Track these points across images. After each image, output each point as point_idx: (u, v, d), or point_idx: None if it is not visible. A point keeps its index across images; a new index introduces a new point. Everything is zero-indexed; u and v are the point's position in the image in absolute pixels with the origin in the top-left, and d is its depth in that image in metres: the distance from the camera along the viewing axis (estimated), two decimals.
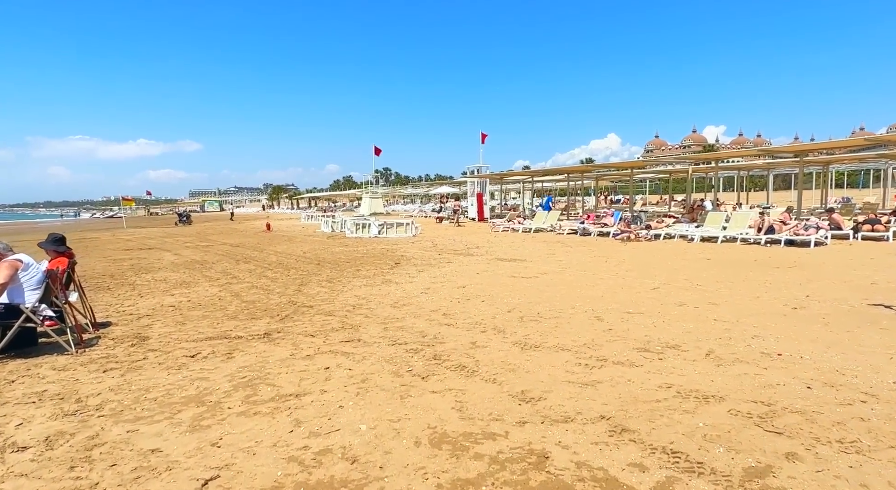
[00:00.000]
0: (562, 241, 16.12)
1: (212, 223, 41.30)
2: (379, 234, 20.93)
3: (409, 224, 21.24)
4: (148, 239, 22.92)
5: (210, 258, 13.97)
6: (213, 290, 8.67)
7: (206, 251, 16.12)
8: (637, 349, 4.71)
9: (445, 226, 27.69)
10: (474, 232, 21.92)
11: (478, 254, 13.23)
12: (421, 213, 45.21)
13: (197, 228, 31.54)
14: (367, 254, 13.99)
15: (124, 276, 10.71)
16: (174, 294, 8.34)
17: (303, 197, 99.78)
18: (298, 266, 11.72)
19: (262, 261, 13.06)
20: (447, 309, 6.72)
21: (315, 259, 13.04)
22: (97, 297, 8.21)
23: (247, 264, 12.39)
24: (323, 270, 10.86)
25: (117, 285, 9.39)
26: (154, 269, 11.65)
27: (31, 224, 63.62)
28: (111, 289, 8.98)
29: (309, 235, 22.54)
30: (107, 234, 27.61)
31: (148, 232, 29.21)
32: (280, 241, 19.81)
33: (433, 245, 16.12)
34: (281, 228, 28.84)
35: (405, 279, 9.34)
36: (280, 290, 8.49)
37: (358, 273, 10.30)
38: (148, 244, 19.87)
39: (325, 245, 17.17)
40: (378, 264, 11.63)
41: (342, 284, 8.96)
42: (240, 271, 11.07)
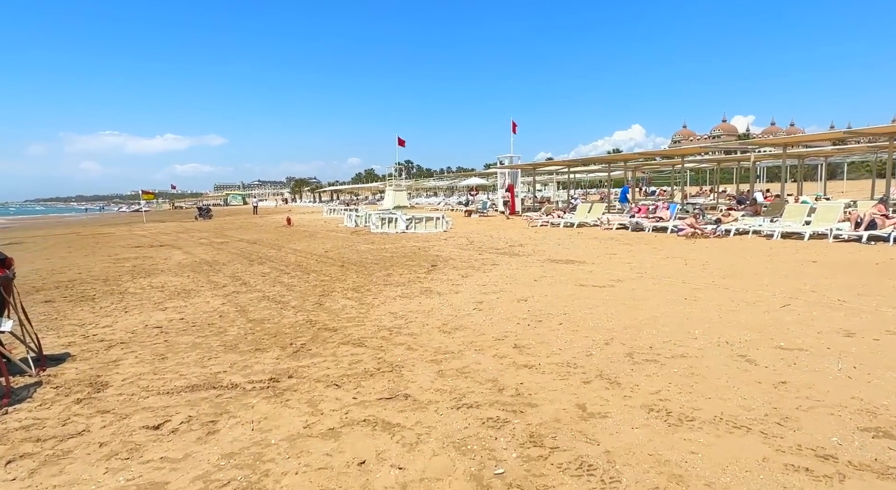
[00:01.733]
0: (615, 238, 14.20)
1: (232, 217, 40.24)
2: (407, 229, 19.25)
3: (439, 218, 19.51)
4: (163, 235, 21.67)
5: (222, 258, 12.45)
6: (216, 302, 7.06)
7: (220, 249, 14.65)
8: (867, 431, 2.89)
9: (476, 220, 25.90)
10: (509, 226, 20.08)
11: (524, 253, 11.43)
12: (446, 205, 43.48)
13: (215, 223, 30.36)
14: (396, 253, 12.31)
15: (119, 281, 9.22)
16: (167, 308, 6.75)
17: (325, 190, 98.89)
18: (320, 268, 10.09)
19: (279, 261, 11.48)
20: (517, 336, 4.96)
21: (338, 259, 11.40)
22: (73, 311, 6.68)
23: (261, 266, 10.82)
24: (348, 274, 9.20)
25: (105, 294, 7.87)
26: (155, 272, 10.15)
27: (58, 218, 63.82)
28: (95, 299, 7.45)
29: (331, 231, 21.00)
30: (123, 230, 26.56)
31: (165, 227, 28.10)
32: (300, 237, 18.29)
33: (469, 242, 14.36)
34: (302, 223, 27.43)
35: (448, 287, 7.61)
36: (296, 303, 6.84)
37: (389, 278, 8.61)
38: (161, 240, 18.56)
39: (350, 242, 15.55)
40: (411, 266, 9.93)
41: (372, 295, 7.27)
42: (252, 275, 9.48)
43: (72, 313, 6.53)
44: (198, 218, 36.34)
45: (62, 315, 6.44)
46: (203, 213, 37.49)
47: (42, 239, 21.19)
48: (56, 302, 7.28)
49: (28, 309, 4.99)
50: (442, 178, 76.14)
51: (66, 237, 21.74)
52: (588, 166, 33.38)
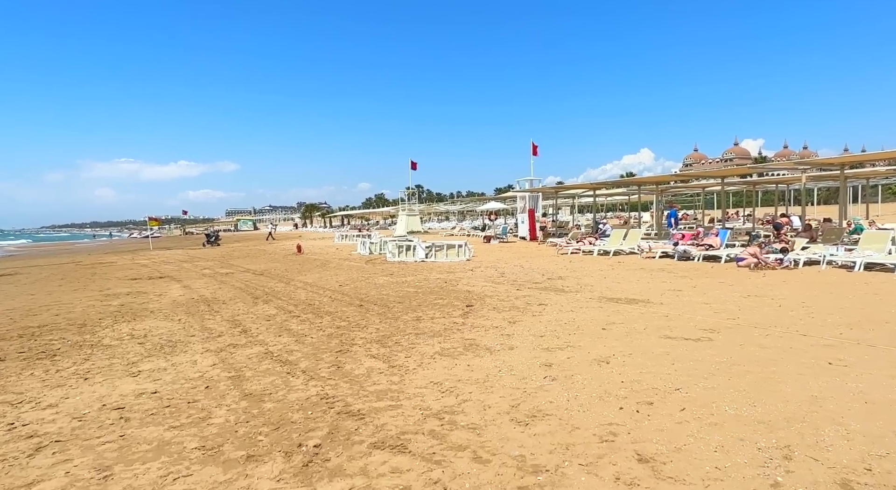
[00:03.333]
0: (665, 269, 12.57)
1: (240, 244, 39.03)
2: (427, 257, 17.74)
3: (461, 246, 17.99)
4: (165, 264, 20.33)
5: (223, 293, 10.97)
6: (205, 362, 5.52)
7: (223, 282, 13.19)
8: None
9: (497, 246, 24.37)
10: (535, 254, 18.52)
11: (569, 288, 9.84)
12: (461, 231, 42.04)
13: (223, 251, 29.08)
14: (421, 288, 10.76)
15: (96, 327, 7.72)
16: (141, 372, 5.21)
17: (336, 215, 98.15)
18: (334, 309, 8.55)
19: (288, 298, 9.96)
20: (631, 434, 3.37)
21: (355, 296, 9.87)
22: (20, 377, 5.16)
23: (266, 305, 9.31)
24: (369, 318, 7.66)
25: (72, 347, 6.36)
26: (143, 315, 8.66)
27: (68, 245, 63.14)
28: (56, 356, 5.93)
29: (344, 259, 19.54)
30: (126, 258, 25.31)
31: (171, 255, 26.84)
32: (311, 266, 16.83)
33: (500, 274, 12.79)
34: (313, 250, 26.04)
35: (498, 339, 6.03)
36: (308, 365, 5.28)
37: (420, 324, 7.05)
38: (161, 271, 17.18)
39: (365, 273, 14.04)
40: (443, 307, 8.37)
41: (403, 350, 5.71)
42: (254, 319, 7.96)
43: (16, 380, 5.01)
44: (205, 245, 35.12)
45: (1, 384, 4.92)
46: (210, 240, 36.29)
47: (38, 270, 19.93)
48: (7, 360, 5.79)
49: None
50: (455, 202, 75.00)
51: (64, 268, 20.48)
52: (611, 190, 31.87)
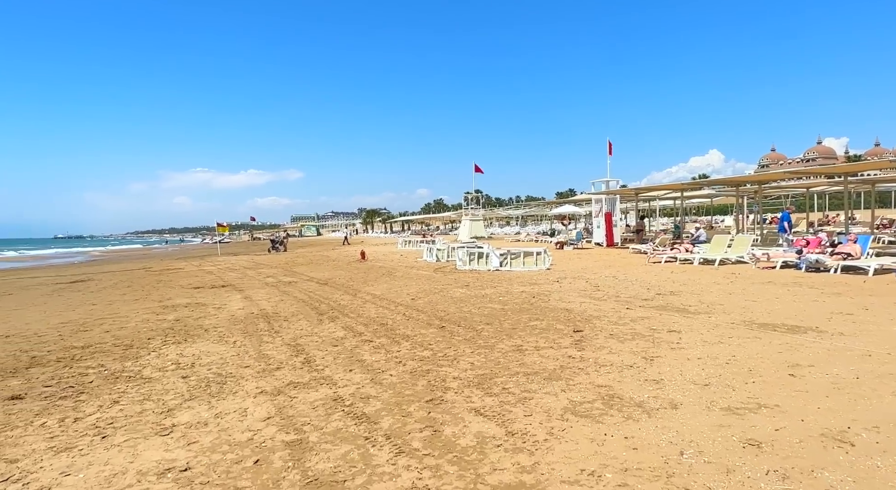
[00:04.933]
0: (799, 282, 10.37)
1: (304, 249, 38.94)
2: (501, 266, 16.14)
3: (540, 254, 16.24)
4: (230, 271, 19.84)
5: (285, 307, 9.85)
6: (258, 412, 4.19)
7: (286, 293, 12.16)
8: None
9: (573, 253, 22.41)
10: (622, 262, 16.49)
11: (695, 308, 7.97)
12: (528, 236, 40.09)
13: (287, 257, 28.70)
14: (507, 303, 9.18)
15: (141, 350, 6.67)
16: (172, 428, 3.93)
17: (396, 220, 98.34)
18: (412, 331, 7.14)
19: (356, 315, 8.67)
20: None
21: (433, 314, 8.43)
22: (29, 428, 4.01)
23: (332, 323, 8.04)
24: (457, 346, 6.16)
25: (104, 382, 5.23)
26: (196, 334, 7.58)
27: (145, 250, 66.31)
28: (81, 395, 4.79)
29: (411, 267, 18.28)
30: (194, 264, 25.31)
31: (236, 261, 26.68)
32: (378, 275, 15.64)
33: (594, 287, 11.00)
34: (377, 256, 25.06)
35: (642, 387, 4.37)
36: (391, 426, 3.83)
37: (525, 359, 5.48)
38: (225, 278, 16.54)
39: (438, 284, 12.63)
40: (544, 332, 6.76)
41: (519, 404, 4.15)
42: (319, 344, 6.66)
43: (20, 435, 3.86)
44: (270, 251, 35.15)
45: (2, 437, 3.77)
46: (276, 246, 36.32)
47: (109, 276, 19.96)
48: (27, 398, 4.71)
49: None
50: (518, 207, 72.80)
51: (134, 274, 20.45)
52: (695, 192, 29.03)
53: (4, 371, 5.73)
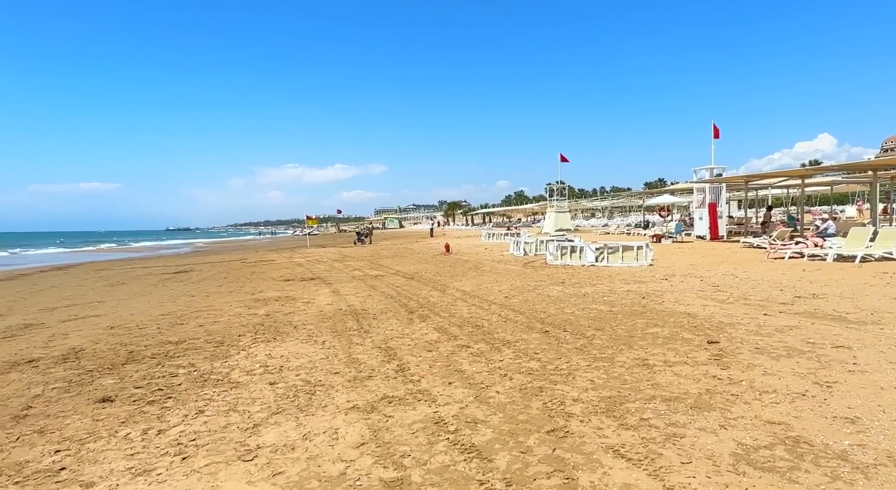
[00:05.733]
0: None
1: (388, 241, 39.36)
2: (597, 261, 14.94)
3: (641, 248, 14.85)
4: (318, 263, 20.12)
5: (373, 304, 9.45)
6: (350, 435, 3.62)
7: (373, 287, 11.85)
8: None
9: (672, 247, 20.56)
10: (734, 258, 14.67)
11: (854, 316, 6.56)
12: (617, 228, 37.93)
13: (372, 250, 28.96)
14: (615, 304, 8.17)
15: (231, 348, 6.43)
16: (257, 450, 3.44)
17: (477, 213, 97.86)
18: (512, 336, 6.38)
19: (448, 314, 8.05)
20: None
21: (532, 315, 7.62)
22: (108, 441, 3.70)
23: (423, 323, 7.47)
24: (569, 357, 5.32)
25: (192, 385, 4.94)
26: (285, 331, 7.30)
27: (242, 241, 70.59)
28: (168, 399, 4.49)
29: (497, 261, 17.51)
30: (285, 256, 26.13)
31: (324, 253, 27.26)
32: (464, 269, 15.02)
33: (713, 286, 9.65)
34: (461, 249, 24.53)
35: (834, 426, 3.33)
36: (509, 467, 3.11)
37: (657, 378, 4.55)
38: (314, 271, 16.67)
39: (529, 280, 11.77)
40: (669, 341, 5.75)
41: (668, 442, 3.27)
42: (411, 348, 6.08)
43: (103, 447, 3.55)
44: (356, 243, 35.81)
45: (79, 458, 3.46)
46: (361, 238, 36.96)
47: (209, 267, 20.96)
48: (117, 401, 4.48)
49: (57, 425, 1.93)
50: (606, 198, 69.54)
51: (231, 265, 21.34)
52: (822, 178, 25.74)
53: (103, 367, 5.65)
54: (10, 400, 4.64)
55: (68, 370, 5.57)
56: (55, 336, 7.60)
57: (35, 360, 6.07)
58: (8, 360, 6.21)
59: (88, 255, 40.71)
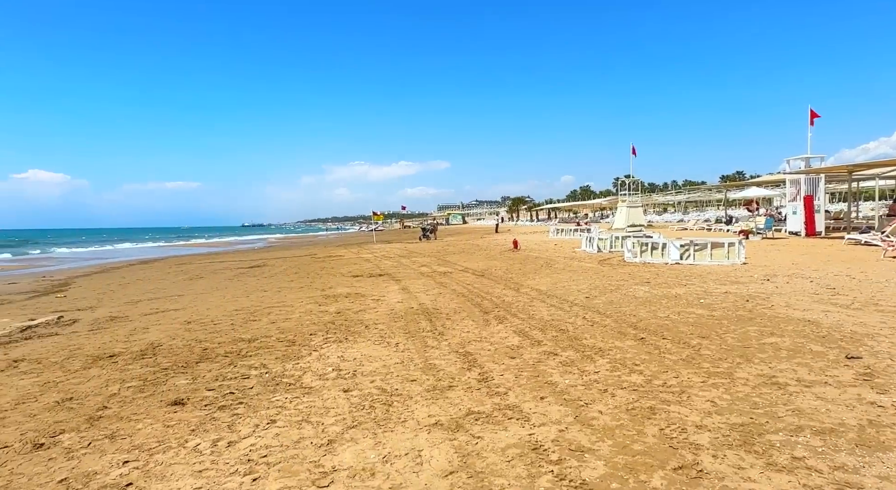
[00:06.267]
0: None
1: (453, 237, 39.07)
2: (682, 259, 13.80)
3: (732, 245, 13.55)
4: (385, 259, 20.05)
5: (445, 302, 9.02)
6: (436, 461, 3.14)
7: (443, 284, 11.44)
8: None
9: (763, 243, 18.81)
10: (839, 256, 13.05)
11: None
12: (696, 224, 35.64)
13: (438, 246, 28.72)
14: (714, 308, 7.27)
15: (302, 348, 6.17)
16: (333, 474, 3.04)
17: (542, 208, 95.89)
18: (603, 342, 5.71)
19: (526, 316, 7.47)
20: None
21: (621, 319, 6.89)
22: (178, 453, 3.44)
23: (500, 325, 6.92)
24: (671, 365, 4.61)
25: (264, 388, 4.66)
26: (356, 331, 6.99)
27: (311, 237, 72.87)
28: (240, 405, 4.21)
29: (570, 258, 16.64)
30: (353, 251, 26.39)
31: (391, 249, 27.31)
32: (536, 266, 14.33)
33: (826, 288, 8.46)
34: (529, 245, 23.74)
35: None
36: None
37: (796, 402, 3.79)
38: (381, 267, 16.54)
39: (609, 279, 10.93)
40: (791, 352, 4.90)
41: None
42: (491, 353, 5.56)
43: (171, 460, 3.27)
44: (421, 239, 35.78)
45: (147, 472, 3.20)
46: (426, 234, 36.92)
47: (280, 262, 21.44)
48: (189, 404, 4.27)
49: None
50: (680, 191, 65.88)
51: (301, 261, 21.73)
52: None
53: (177, 365, 5.54)
54: (88, 398, 4.55)
55: (145, 367, 5.49)
56: (136, 330, 7.71)
57: (115, 356, 6.08)
58: (92, 353, 6.27)
59: (173, 249, 43.30)
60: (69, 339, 7.27)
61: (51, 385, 4.98)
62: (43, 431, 3.81)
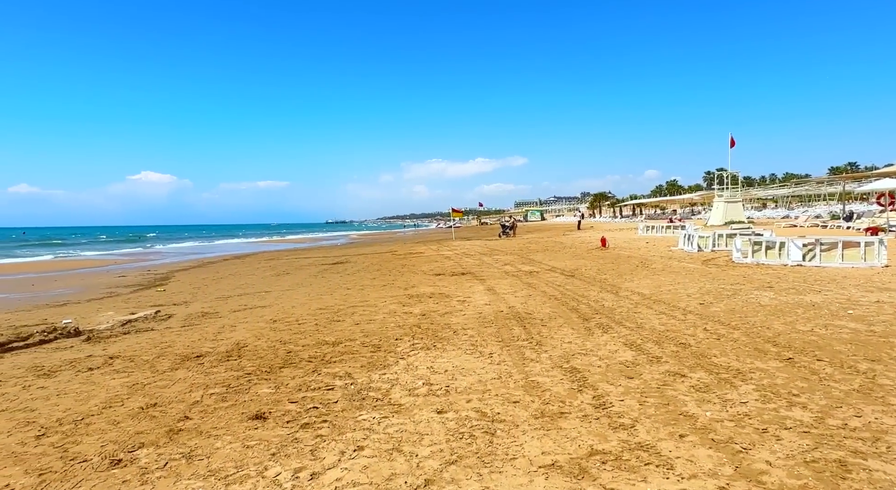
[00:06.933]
0: None
1: (533, 234, 37.93)
2: (805, 260, 12.10)
3: (871, 244, 11.68)
4: (466, 257, 19.53)
5: (536, 305, 8.29)
6: None
7: (531, 285, 10.69)
8: None
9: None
10: None
11: None
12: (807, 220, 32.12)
13: (519, 243, 27.83)
14: (871, 322, 6.01)
15: (388, 355, 5.71)
16: None
17: (626, 204, 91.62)
18: (738, 360, 4.75)
19: (633, 324, 6.58)
20: None
21: (752, 331, 5.83)
22: (258, 483, 3.01)
23: (605, 334, 6.10)
24: (843, 397, 3.65)
25: (349, 404, 4.20)
26: (444, 336, 6.45)
27: (390, 234, 74.20)
28: (324, 424, 3.75)
29: (668, 258, 15.24)
30: (433, 248, 26.15)
31: (471, 246, 26.79)
32: (631, 267, 13.17)
33: None
34: (618, 243, 22.29)
35: None
36: None
37: None
38: (463, 265, 16.01)
39: (721, 282, 9.66)
40: None
41: None
42: (603, 370, 4.78)
43: None
44: (501, 236, 35.00)
45: None
46: (506, 231, 36.07)
47: (362, 258, 21.56)
48: (269, 419, 3.89)
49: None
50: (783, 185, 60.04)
51: (382, 257, 21.73)
52: None
53: (261, 370, 5.26)
54: (172, 405, 4.31)
55: (229, 371, 5.25)
56: (224, 328, 7.66)
57: (202, 356, 5.94)
58: (182, 352, 6.19)
59: (262, 245, 45.55)
60: (162, 336, 7.32)
61: (138, 388, 4.84)
62: (123, 444, 3.55)
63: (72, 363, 5.95)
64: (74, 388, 4.96)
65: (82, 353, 6.44)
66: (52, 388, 4.97)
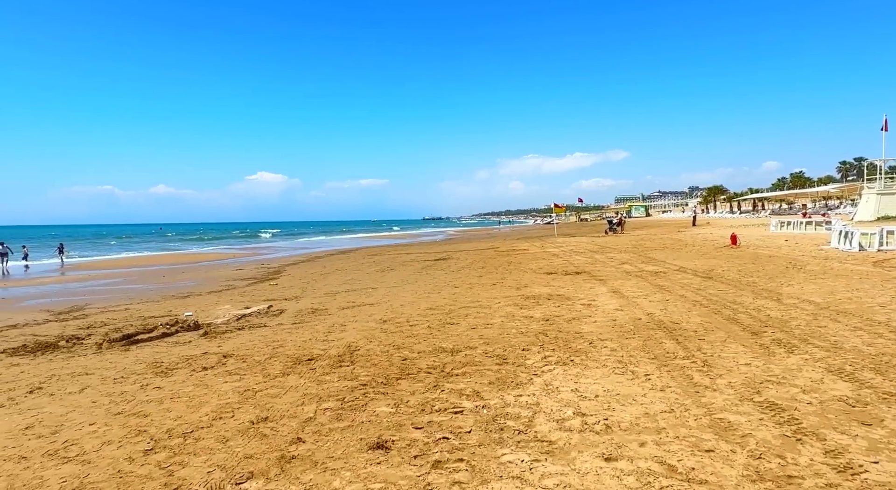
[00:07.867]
0: None
1: (642, 231, 35.27)
2: None
3: None
4: (575, 254, 18.20)
5: (680, 313, 7.03)
6: None
7: (663, 288, 9.34)
8: None
9: None
10: None
11: None
12: None
13: (630, 240, 25.79)
14: None
15: (519, 370, 4.86)
16: None
17: (745, 198, 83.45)
18: None
19: (824, 342, 5.18)
20: None
21: None
22: None
23: (791, 355, 4.80)
24: None
25: (485, 438, 3.41)
26: (577, 347, 5.48)
27: (487, 230, 73.43)
28: (462, 468, 3.00)
29: (822, 258, 12.96)
30: (536, 245, 24.97)
31: (577, 243, 25.25)
32: (779, 268, 11.24)
33: None
34: (750, 241, 19.73)
35: None
36: None
37: None
38: (575, 263, 14.79)
39: None
40: None
41: None
42: (818, 411, 3.58)
43: None
44: (607, 232, 32.89)
45: None
46: (613, 227, 33.85)
47: (464, 255, 20.97)
48: (392, 451, 3.20)
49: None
50: None
51: (484, 254, 20.99)
52: None
53: (376, 381, 4.66)
54: (283, 421, 3.80)
55: (342, 380, 4.71)
56: (334, 327, 7.27)
57: (314, 359, 5.50)
58: (293, 353, 5.81)
59: (365, 240, 46.87)
60: (274, 333, 7.07)
61: (249, 395, 4.42)
62: (230, 471, 3.04)
63: (188, 360, 5.78)
64: (188, 391, 4.66)
65: (198, 350, 6.30)
66: (166, 390, 4.72)
